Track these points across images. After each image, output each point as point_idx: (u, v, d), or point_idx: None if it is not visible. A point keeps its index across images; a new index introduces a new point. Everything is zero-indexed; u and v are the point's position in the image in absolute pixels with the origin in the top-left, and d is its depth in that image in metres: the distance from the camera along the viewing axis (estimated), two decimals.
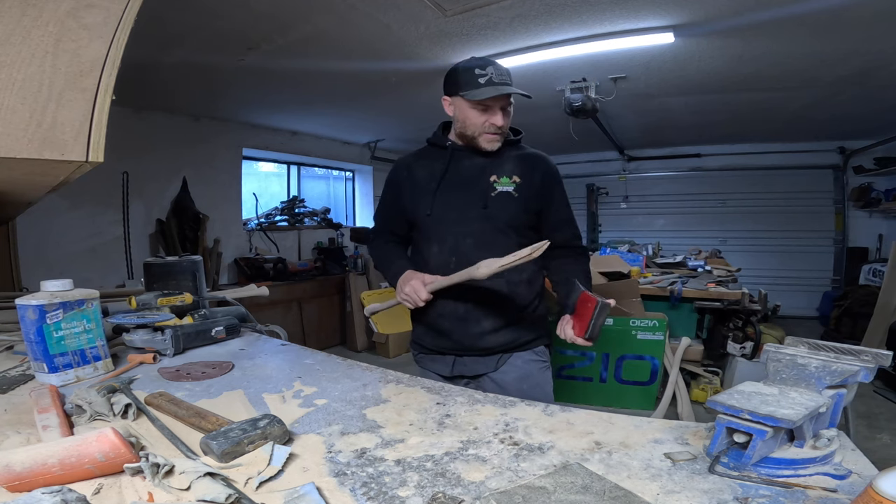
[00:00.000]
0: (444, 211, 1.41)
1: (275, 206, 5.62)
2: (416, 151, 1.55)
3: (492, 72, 1.32)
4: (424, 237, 1.46)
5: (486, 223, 1.38)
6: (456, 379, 1.45)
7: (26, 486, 0.60)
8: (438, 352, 1.47)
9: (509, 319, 1.41)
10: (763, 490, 0.61)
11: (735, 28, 2.68)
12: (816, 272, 6.33)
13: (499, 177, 1.40)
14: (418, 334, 1.53)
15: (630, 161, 7.14)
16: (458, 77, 1.36)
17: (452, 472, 0.68)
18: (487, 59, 1.37)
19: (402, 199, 1.50)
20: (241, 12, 2.42)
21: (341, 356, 1.26)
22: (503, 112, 1.36)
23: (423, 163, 1.49)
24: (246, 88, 3.74)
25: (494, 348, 1.41)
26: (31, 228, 3.12)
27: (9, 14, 0.78)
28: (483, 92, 1.31)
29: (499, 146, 1.40)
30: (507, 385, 1.39)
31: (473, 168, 1.42)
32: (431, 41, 2.87)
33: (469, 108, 1.35)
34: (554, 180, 1.46)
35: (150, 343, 1.25)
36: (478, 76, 1.32)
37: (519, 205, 1.39)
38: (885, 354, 0.72)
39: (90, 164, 0.89)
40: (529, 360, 1.44)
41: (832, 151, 6.09)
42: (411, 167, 1.50)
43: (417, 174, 1.48)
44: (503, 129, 1.38)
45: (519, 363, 1.43)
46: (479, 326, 1.40)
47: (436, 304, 1.40)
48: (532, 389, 1.40)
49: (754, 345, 3.36)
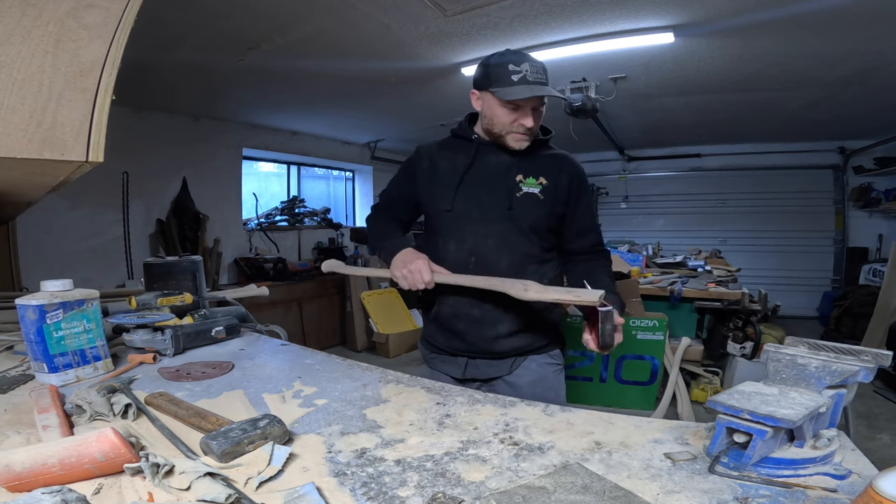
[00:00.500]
0: (466, 208, 1.34)
1: (275, 206, 5.62)
2: (440, 141, 1.47)
3: (527, 69, 1.23)
4: (440, 233, 1.39)
5: (510, 224, 1.33)
6: (468, 382, 1.40)
7: (26, 486, 0.60)
8: (450, 353, 1.43)
9: (525, 324, 1.36)
10: (763, 490, 0.61)
11: (735, 28, 2.68)
12: (816, 272, 6.33)
13: (525, 177, 1.33)
14: (430, 333, 1.48)
15: (630, 161, 7.14)
16: (490, 71, 1.27)
17: (452, 472, 0.68)
18: (524, 54, 1.27)
19: (416, 187, 1.43)
20: (241, 12, 2.42)
21: (341, 356, 1.26)
22: (534, 113, 1.28)
23: (446, 153, 1.42)
24: (246, 88, 3.74)
25: (509, 352, 1.38)
26: (31, 228, 3.12)
27: (9, 14, 0.78)
28: (515, 91, 1.23)
29: (527, 146, 1.33)
30: (521, 388, 1.35)
31: (500, 165, 1.35)
32: (431, 41, 2.87)
33: (498, 106, 1.27)
34: (580, 184, 1.39)
35: (150, 343, 1.25)
36: (511, 73, 1.23)
37: (544, 208, 1.33)
38: (885, 354, 0.72)
39: (90, 164, 0.89)
40: (544, 363, 1.40)
41: (832, 151, 6.09)
42: (434, 157, 1.43)
43: (439, 165, 1.41)
44: (533, 130, 1.31)
45: (533, 367, 1.39)
46: (494, 330, 1.35)
47: (450, 303, 1.36)
48: (546, 392, 1.36)
49: (754, 345, 3.36)
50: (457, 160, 1.39)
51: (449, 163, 1.40)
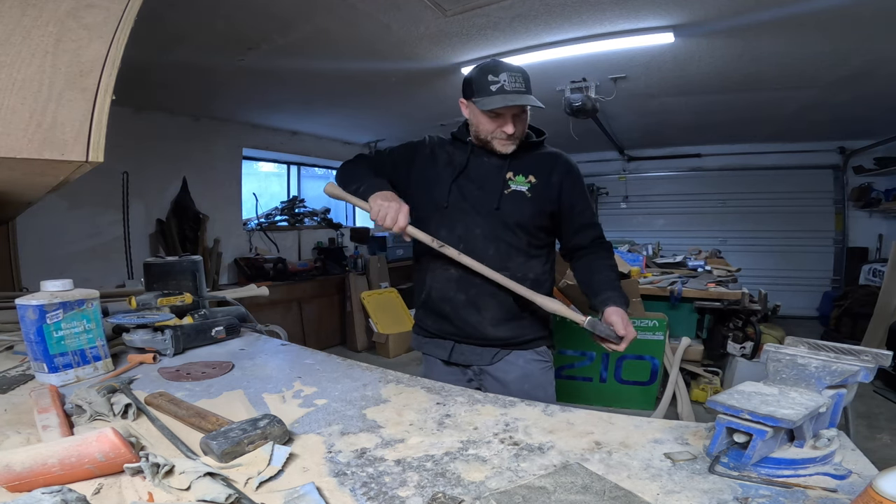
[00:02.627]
0: (458, 202, 1.41)
1: (275, 206, 5.62)
2: (443, 138, 1.54)
3: (504, 79, 1.29)
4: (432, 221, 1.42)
5: (497, 219, 1.39)
6: (453, 366, 1.47)
7: (26, 486, 0.60)
8: (439, 336, 1.48)
9: (511, 315, 1.40)
10: (763, 490, 0.61)
11: (735, 28, 2.68)
12: (816, 272, 6.33)
13: (514, 174, 1.40)
14: (419, 317, 1.54)
15: (630, 161, 7.13)
16: (472, 81, 1.34)
17: (452, 472, 0.68)
18: (502, 65, 1.33)
19: (412, 166, 1.48)
20: (241, 12, 2.42)
21: (341, 356, 1.26)
22: (516, 119, 1.34)
23: (447, 149, 1.48)
24: (246, 88, 3.74)
25: (493, 341, 1.41)
26: (31, 228, 3.11)
27: (9, 14, 0.78)
28: (493, 101, 1.29)
29: (513, 149, 1.39)
30: (509, 384, 1.39)
31: (491, 165, 1.41)
32: (431, 41, 2.87)
33: (481, 115, 1.34)
34: (574, 181, 1.43)
35: (150, 343, 1.25)
36: (490, 83, 1.30)
37: (531, 205, 1.38)
38: (885, 354, 0.72)
39: (90, 164, 0.89)
40: (531, 359, 1.44)
41: (832, 151, 6.08)
42: (436, 149, 1.49)
43: (439, 157, 1.47)
44: (516, 135, 1.36)
45: (521, 363, 1.42)
46: (479, 316, 1.39)
47: (438, 287, 1.42)
48: (534, 390, 1.40)
49: (754, 345, 3.36)
50: (454, 158, 1.46)
51: (447, 159, 1.46)
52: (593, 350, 3.45)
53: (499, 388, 1.37)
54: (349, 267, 5.55)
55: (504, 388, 1.36)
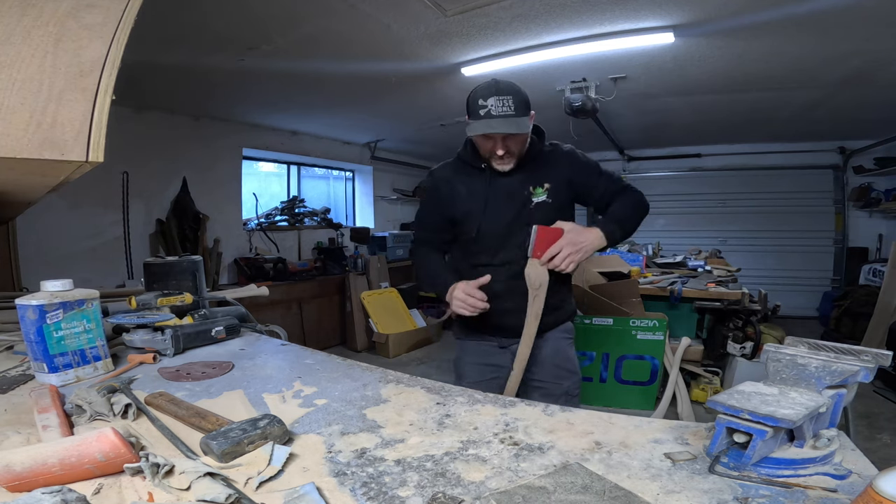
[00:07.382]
0: (491, 227, 1.50)
1: (275, 206, 5.61)
2: (450, 165, 1.59)
3: (492, 104, 1.32)
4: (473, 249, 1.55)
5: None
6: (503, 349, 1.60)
7: (26, 486, 0.60)
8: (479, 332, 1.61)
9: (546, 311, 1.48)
10: (763, 490, 0.61)
11: (735, 28, 2.68)
12: (816, 272, 6.33)
13: (534, 187, 1.48)
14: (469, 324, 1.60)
15: (630, 161, 7.13)
16: (468, 104, 1.40)
17: (452, 472, 0.68)
18: (494, 88, 1.35)
19: (449, 207, 1.55)
20: (241, 12, 2.42)
21: (341, 356, 1.26)
22: (508, 140, 1.39)
23: (461, 178, 1.54)
24: (246, 88, 3.74)
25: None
26: (31, 228, 3.11)
27: (9, 14, 0.78)
28: (476, 127, 1.35)
29: (511, 167, 1.46)
30: (542, 361, 1.55)
31: (512, 183, 1.49)
32: (431, 41, 2.87)
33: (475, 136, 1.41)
34: (576, 167, 1.52)
35: (150, 343, 1.25)
36: (479, 108, 1.34)
37: (555, 210, 1.48)
38: (885, 354, 0.72)
39: (90, 164, 0.89)
40: (559, 337, 1.61)
41: (832, 151, 6.08)
42: (451, 181, 1.56)
43: (457, 190, 1.54)
44: (509, 155, 1.43)
45: (551, 341, 1.59)
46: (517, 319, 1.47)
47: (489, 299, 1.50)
48: (564, 362, 1.59)
49: (754, 345, 3.35)
50: (473, 185, 1.52)
51: (466, 188, 1.53)
52: (593, 350, 3.46)
53: (533, 365, 1.51)
54: (349, 267, 5.55)
55: (538, 366, 1.54)
